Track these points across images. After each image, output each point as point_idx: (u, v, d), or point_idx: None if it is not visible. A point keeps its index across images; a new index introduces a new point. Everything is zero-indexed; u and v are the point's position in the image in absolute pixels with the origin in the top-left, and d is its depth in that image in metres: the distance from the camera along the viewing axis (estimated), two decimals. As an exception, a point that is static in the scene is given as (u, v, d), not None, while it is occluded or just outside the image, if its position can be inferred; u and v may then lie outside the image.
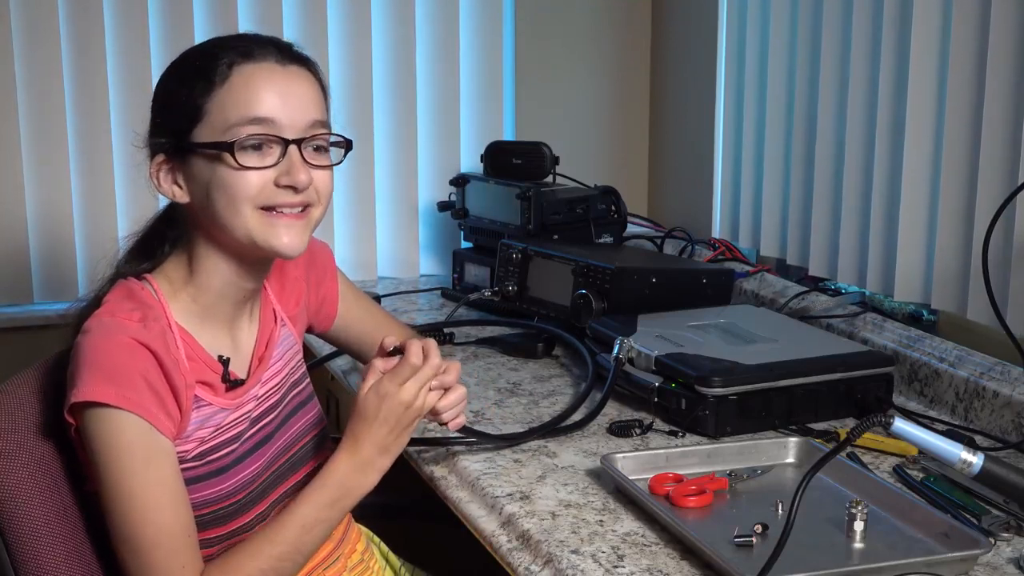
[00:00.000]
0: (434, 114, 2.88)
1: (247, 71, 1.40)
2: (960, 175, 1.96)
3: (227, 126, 1.38)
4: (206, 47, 1.45)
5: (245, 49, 1.41)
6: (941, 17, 1.99)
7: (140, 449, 1.33)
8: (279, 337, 1.58)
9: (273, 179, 1.40)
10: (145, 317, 1.38)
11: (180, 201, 1.44)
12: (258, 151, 1.39)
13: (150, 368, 1.35)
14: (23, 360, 1.57)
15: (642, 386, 1.84)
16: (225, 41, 1.45)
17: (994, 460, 1.34)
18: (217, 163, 1.39)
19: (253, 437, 1.49)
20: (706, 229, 2.77)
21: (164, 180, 1.44)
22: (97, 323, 1.37)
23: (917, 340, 1.99)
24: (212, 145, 1.39)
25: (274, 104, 1.40)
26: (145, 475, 1.33)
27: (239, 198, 1.39)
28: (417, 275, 2.91)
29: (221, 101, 1.39)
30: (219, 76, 1.39)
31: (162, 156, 1.43)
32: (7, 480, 1.38)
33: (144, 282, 1.44)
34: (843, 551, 1.39)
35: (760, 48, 2.53)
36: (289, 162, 1.40)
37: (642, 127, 3.06)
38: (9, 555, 1.38)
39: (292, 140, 1.40)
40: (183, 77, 1.42)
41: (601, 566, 1.35)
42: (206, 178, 1.40)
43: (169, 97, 1.43)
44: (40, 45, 2.54)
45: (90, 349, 1.34)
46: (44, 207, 2.60)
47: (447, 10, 2.83)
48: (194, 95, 1.40)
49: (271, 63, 1.41)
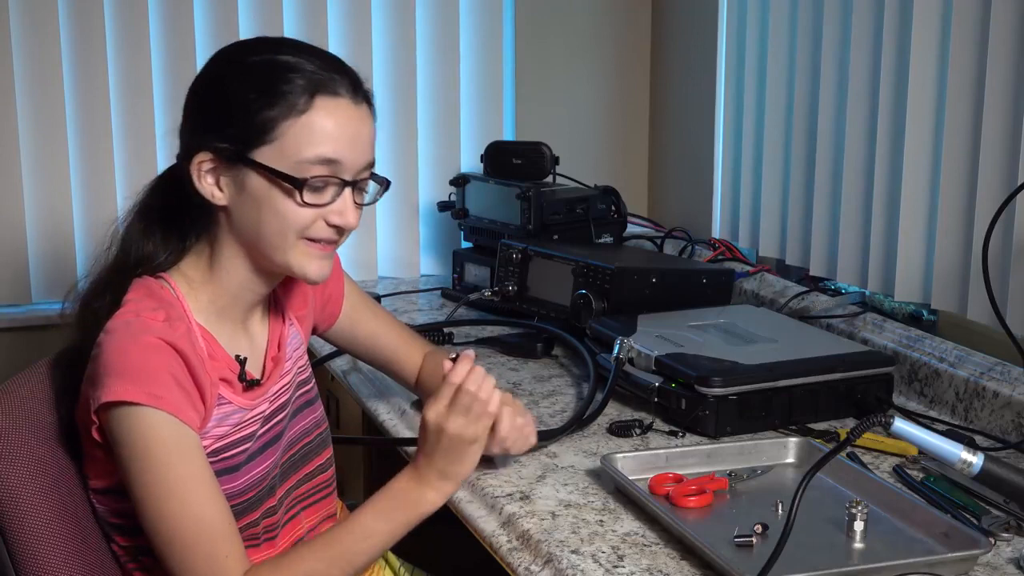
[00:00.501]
0: (434, 114, 2.88)
1: (328, 107, 1.39)
2: (960, 175, 1.96)
3: (298, 159, 1.38)
4: (280, 61, 1.40)
5: (325, 79, 1.39)
6: (941, 17, 1.99)
7: (172, 445, 1.33)
8: (288, 337, 1.59)
9: (324, 215, 1.42)
10: (169, 316, 1.38)
11: (217, 203, 1.42)
12: (318, 190, 1.40)
13: (177, 366, 1.35)
14: (23, 360, 1.57)
15: (642, 386, 1.84)
16: (299, 55, 1.41)
17: (994, 460, 1.34)
18: (276, 189, 1.39)
19: (264, 435, 1.50)
20: (706, 229, 2.77)
21: (205, 178, 1.41)
22: (122, 324, 1.36)
23: (917, 340, 1.99)
24: (279, 174, 1.38)
25: (344, 147, 1.40)
26: (179, 470, 1.33)
27: (290, 229, 1.40)
28: (417, 275, 2.91)
29: (297, 133, 1.37)
30: (300, 105, 1.37)
31: (209, 155, 1.41)
32: (8, 480, 1.38)
33: (162, 280, 1.44)
34: (843, 551, 1.39)
35: (760, 48, 2.53)
36: (343, 203, 1.42)
37: (642, 127, 3.06)
38: (10, 555, 1.38)
39: (350, 182, 1.42)
40: (255, 87, 1.38)
41: (601, 566, 1.35)
42: (259, 196, 1.39)
43: (234, 102, 1.39)
44: (40, 45, 2.54)
45: (116, 351, 1.34)
46: (44, 207, 2.60)
47: (447, 10, 2.83)
48: (269, 114, 1.37)
49: (347, 101, 1.40)
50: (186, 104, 1.47)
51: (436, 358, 1.80)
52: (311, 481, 1.60)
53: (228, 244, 1.44)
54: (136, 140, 2.62)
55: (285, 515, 1.55)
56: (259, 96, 1.37)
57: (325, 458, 1.63)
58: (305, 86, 1.38)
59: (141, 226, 1.47)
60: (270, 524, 1.51)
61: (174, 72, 2.62)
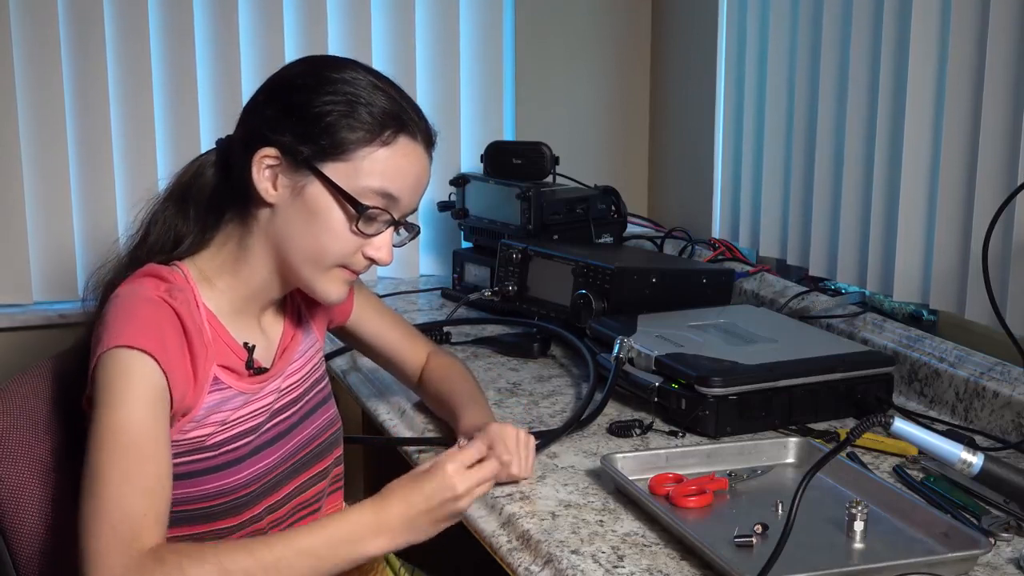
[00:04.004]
0: (434, 114, 2.81)
1: (407, 147, 1.43)
2: (959, 175, 1.96)
3: (365, 184, 1.40)
4: (376, 85, 1.43)
5: (412, 120, 1.44)
6: (940, 17, 1.99)
7: (146, 388, 1.31)
8: (303, 334, 1.59)
9: (363, 246, 1.43)
10: (171, 289, 1.39)
11: (267, 199, 1.42)
12: (371, 220, 1.42)
13: (172, 323, 1.35)
14: (23, 360, 1.57)
15: (642, 386, 1.84)
16: (392, 88, 1.45)
17: (994, 460, 1.34)
18: (336, 206, 1.40)
19: (271, 430, 1.50)
20: (706, 229, 2.77)
21: (263, 172, 1.41)
22: (126, 290, 1.38)
23: (917, 340, 1.99)
24: (344, 194, 1.39)
25: (407, 189, 1.44)
26: (142, 412, 1.30)
27: (331, 252, 1.42)
28: (417, 275, 2.90)
29: (373, 161, 1.40)
30: (384, 136, 1.41)
31: (276, 151, 1.40)
32: (8, 480, 1.38)
33: (173, 267, 1.44)
34: (843, 551, 1.39)
35: (760, 48, 2.53)
36: (384, 239, 1.44)
37: (642, 127, 3.06)
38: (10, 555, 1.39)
39: (398, 221, 1.45)
40: (345, 103, 1.40)
41: (601, 566, 1.35)
42: (314, 207, 1.41)
43: (320, 111, 1.40)
44: (40, 45, 2.54)
45: (112, 311, 1.35)
46: (44, 207, 2.60)
47: (447, 10, 2.83)
48: (351, 134, 1.39)
49: (422, 149, 1.45)
50: (261, 96, 1.47)
51: (439, 359, 1.81)
52: (324, 480, 1.61)
53: (259, 242, 1.45)
54: (136, 140, 2.62)
55: (294, 513, 1.55)
56: (346, 113, 1.40)
57: (336, 455, 1.64)
58: (391, 118, 1.41)
59: (174, 210, 1.48)
60: (275, 519, 1.51)
61: (174, 72, 2.62)
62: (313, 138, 1.40)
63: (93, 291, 1.47)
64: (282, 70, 1.49)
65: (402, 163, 1.42)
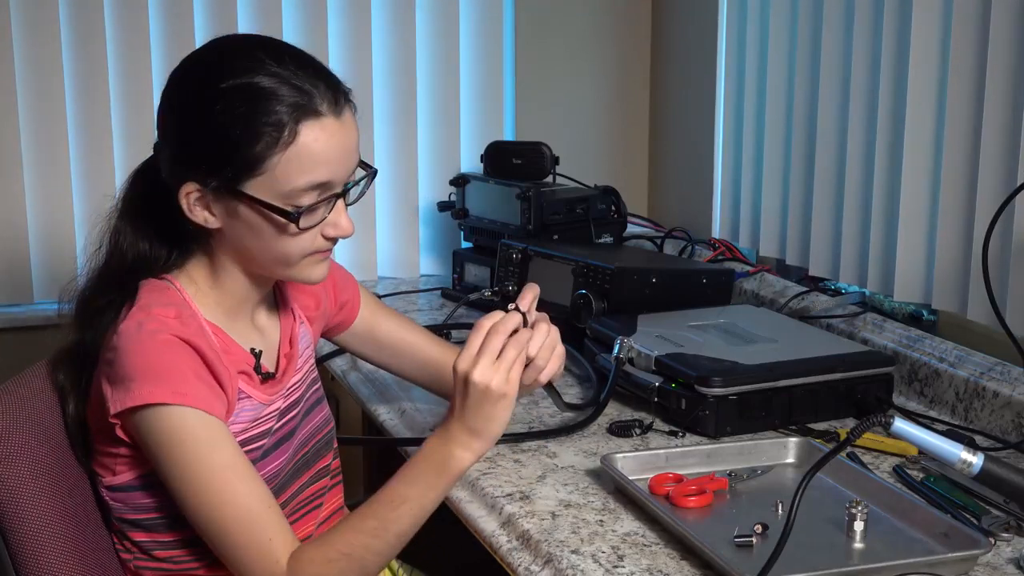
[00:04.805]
0: (434, 114, 2.88)
1: (313, 131, 1.34)
2: (960, 175, 1.96)
3: (291, 187, 1.35)
4: (257, 87, 1.33)
5: (305, 101, 1.34)
6: (941, 17, 1.99)
7: (203, 437, 1.34)
8: (299, 334, 1.59)
9: (321, 229, 1.41)
10: (180, 314, 1.39)
11: (210, 227, 1.40)
12: (312, 211, 1.39)
13: (194, 361, 1.36)
14: (23, 360, 1.57)
15: (642, 386, 1.84)
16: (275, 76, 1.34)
17: (994, 460, 1.34)
18: (269, 221, 1.37)
19: (279, 432, 1.51)
20: (706, 229, 2.77)
21: (195, 207, 1.39)
22: (135, 324, 1.36)
23: (917, 340, 1.99)
24: (272, 208, 1.36)
25: (335, 167, 1.37)
26: (211, 461, 1.34)
27: (292, 254, 1.41)
28: (417, 275, 2.91)
29: (286, 164, 1.34)
30: (285, 136, 1.33)
31: (197, 186, 1.37)
32: (8, 480, 1.38)
33: (167, 281, 1.44)
34: (843, 551, 1.39)
35: (760, 48, 2.53)
36: (336, 214, 1.41)
37: (642, 127, 3.06)
38: (10, 555, 1.38)
39: (340, 193, 1.41)
40: (237, 122, 1.33)
41: (601, 566, 1.35)
42: (253, 225, 1.38)
43: (218, 137, 1.34)
44: (40, 45, 2.54)
45: (133, 352, 1.34)
46: (45, 207, 2.60)
47: (447, 10, 2.83)
48: (255, 150, 1.33)
49: (331, 118, 1.36)
50: (163, 125, 1.42)
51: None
52: (326, 477, 1.61)
53: (227, 255, 1.45)
54: (136, 140, 2.62)
55: (297, 511, 1.55)
56: (243, 131, 1.33)
57: (332, 452, 1.64)
58: (288, 113, 1.33)
59: (132, 226, 1.46)
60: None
61: (174, 72, 2.62)
62: (221, 164, 1.35)
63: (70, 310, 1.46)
64: (168, 85, 1.42)
65: (315, 149, 1.34)
